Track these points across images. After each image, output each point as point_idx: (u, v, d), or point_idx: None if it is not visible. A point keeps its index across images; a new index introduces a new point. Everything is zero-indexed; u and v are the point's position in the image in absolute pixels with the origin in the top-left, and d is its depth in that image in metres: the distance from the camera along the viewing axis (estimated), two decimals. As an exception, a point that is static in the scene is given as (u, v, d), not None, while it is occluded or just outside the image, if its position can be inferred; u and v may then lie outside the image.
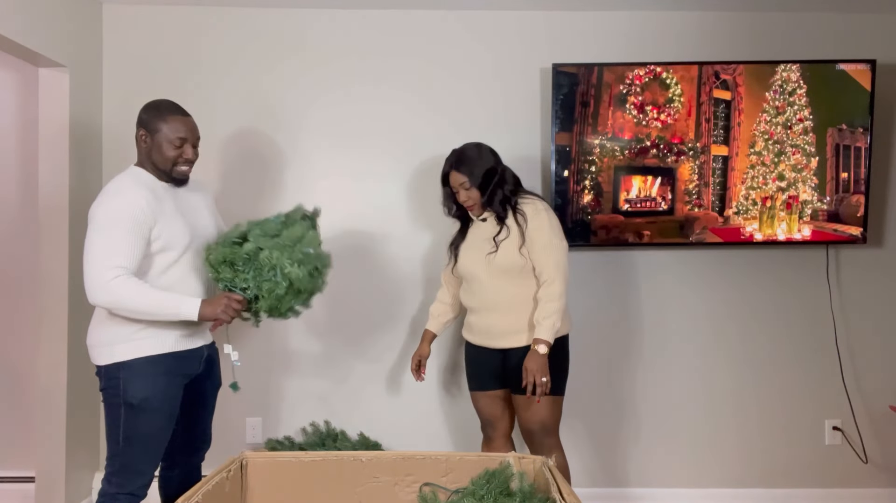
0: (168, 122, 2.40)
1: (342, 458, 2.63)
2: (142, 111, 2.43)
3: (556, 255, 2.72)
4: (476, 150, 2.84)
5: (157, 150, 2.38)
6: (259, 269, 2.35)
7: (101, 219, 2.23)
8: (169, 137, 2.38)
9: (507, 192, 2.79)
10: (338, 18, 3.54)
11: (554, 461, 2.61)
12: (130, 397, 2.30)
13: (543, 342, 2.65)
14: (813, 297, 3.58)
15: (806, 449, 3.60)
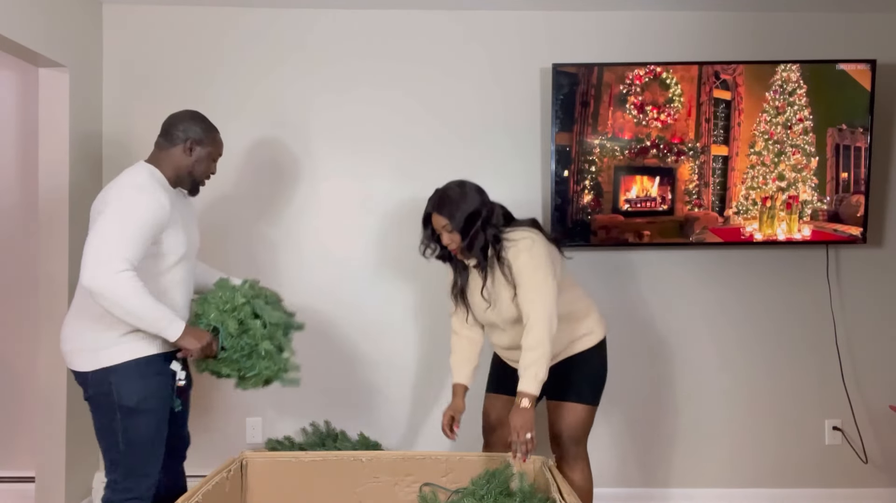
0: (216, 139, 2.52)
1: (342, 458, 2.64)
2: (190, 121, 2.48)
3: (537, 297, 2.51)
4: (459, 190, 2.63)
5: (198, 162, 2.45)
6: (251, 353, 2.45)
7: (123, 207, 2.19)
8: (213, 154, 2.51)
9: (491, 237, 2.59)
10: (338, 19, 3.54)
11: (554, 461, 2.62)
12: (126, 401, 2.26)
13: (527, 396, 2.45)
14: (813, 297, 3.58)
15: (806, 449, 3.60)
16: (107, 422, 2.30)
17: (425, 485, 2.59)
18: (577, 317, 2.73)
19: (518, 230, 2.63)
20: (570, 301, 2.70)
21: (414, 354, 3.59)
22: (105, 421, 2.31)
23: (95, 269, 2.09)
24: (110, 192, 2.27)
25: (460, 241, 2.60)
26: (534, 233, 2.62)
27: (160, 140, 2.49)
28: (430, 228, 2.68)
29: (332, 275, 3.56)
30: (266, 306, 2.53)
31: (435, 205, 2.63)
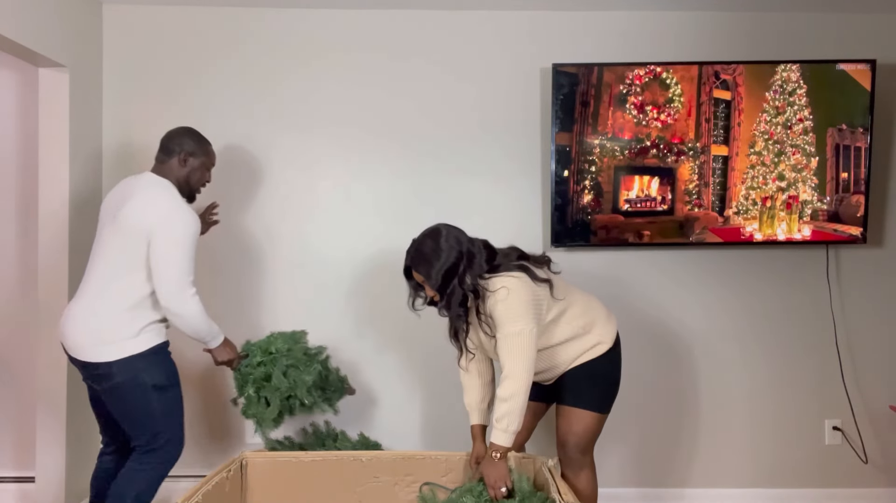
0: (208, 151, 2.82)
1: (342, 458, 2.64)
2: (187, 136, 2.76)
3: (513, 349, 2.44)
4: (433, 244, 2.51)
5: (194, 173, 2.76)
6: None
7: (180, 233, 2.54)
8: (206, 164, 2.82)
9: (469, 290, 2.49)
10: (338, 18, 3.54)
11: (555, 462, 2.62)
12: (158, 380, 2.57)
13: (499, 450, 2.45)
14: (813, 297, 3.58)
15: (806, 449, 3.60)
16: (141, 403, 2.56)
17: (425, 484, 2.59)
18: (582, 333, 2.66)
19: (496, 278, 2.50)
20: (572, 319, 2.64)
21: (414, 354, 3.59)
22: (138, 402, 2.56)
23: (174, 297, 2.53)
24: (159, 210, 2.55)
25: (439, 298, 2.54)
26: (511, 279, 2.49)
27: (159, 155, 2.75)
28: (414, 280, 2.62)
29: (332, 275, 3.56)
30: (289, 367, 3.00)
31: (412, 260, 2.56)
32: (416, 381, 3.60)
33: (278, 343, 3.06)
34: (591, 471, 2.76)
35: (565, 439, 2.70)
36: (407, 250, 2.60)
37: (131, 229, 2.53)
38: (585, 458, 2.73)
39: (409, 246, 2.60)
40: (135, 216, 2.54)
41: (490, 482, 2.44)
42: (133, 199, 2.58)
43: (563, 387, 2.70)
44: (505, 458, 2.46)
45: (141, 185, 2.64)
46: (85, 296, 2.60)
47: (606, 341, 2.70)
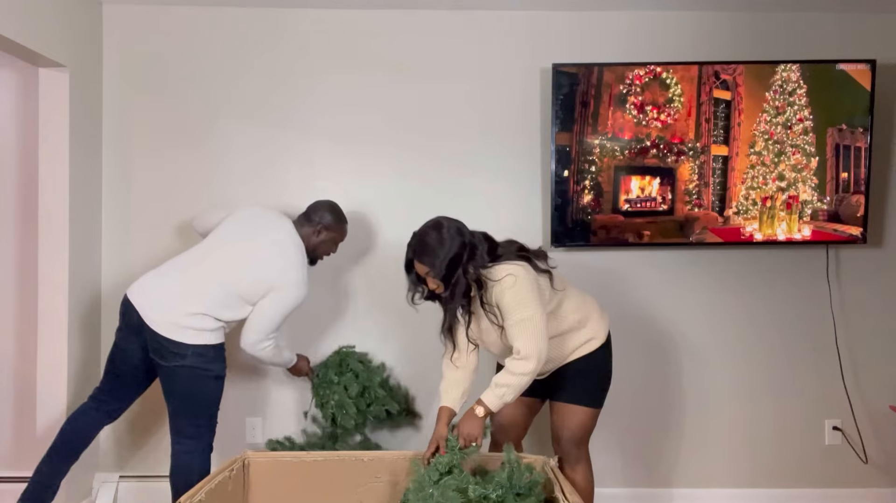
0: (343, 229, 3.17)
1: (344, 458, 2.64)
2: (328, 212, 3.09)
3: (528, 332, 2.46)
4: (436, 235, 2.53)
5: (323, 244, 3.10)
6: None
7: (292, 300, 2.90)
8: (336, 239, 3.16)
9: (473, 279, 2.51)
10: (339, 18, 3.53)
11: (555, 461, 2.62)
12: (220, 371, 2.88)
13: (485, 406, 2.48)
14: (813, 297, 3.58)
15: (806, 449, 3.60)
16: (203, 386, 2.84)
17: None
18: (577, 327, 2.70)
19: (499, 266, 2.52)
20: (568, 313, 2.68)
21: (414, 354, 3.58)
22: (201, 386, 2.84)
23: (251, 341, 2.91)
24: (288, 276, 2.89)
25: (443, 287, 2.55)
26: (515, 266, 2.52)
27: (300, 218, 3.09)
28: (415, 273, 2.62)
29: (331, 275, 3.56)
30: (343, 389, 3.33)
31: (415, 252, 2.56)
32: (417, 381, 3.60)
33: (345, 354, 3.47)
34: (587, 464, 2.81)
35: (560, 434, 2.75)
36: (408, 243, 2.61)
37: (261, 275, 2.87)
38: (581, 452, 2.78)
39: (411, 239, 2.61)
40: (270, 267, 2.88)
41: (464, 434, 2.49)
42: (277, 246, 2.92)
43: (557, 383, 2.73)
44: (485, 418, 2.49)
45: (285, 234, 2.96)
46: (191, 282, 2.84)
47: (600, 336, 2.76)
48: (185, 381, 2.81)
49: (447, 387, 2.72)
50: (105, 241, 3.54)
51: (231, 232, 2.98)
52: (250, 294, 2.87)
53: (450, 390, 2.71)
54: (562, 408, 2.73)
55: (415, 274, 2.62)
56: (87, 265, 3.40)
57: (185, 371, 2.78)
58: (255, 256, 2.89)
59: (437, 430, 2.60)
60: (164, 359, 2.78)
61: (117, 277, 3.52)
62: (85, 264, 3.38)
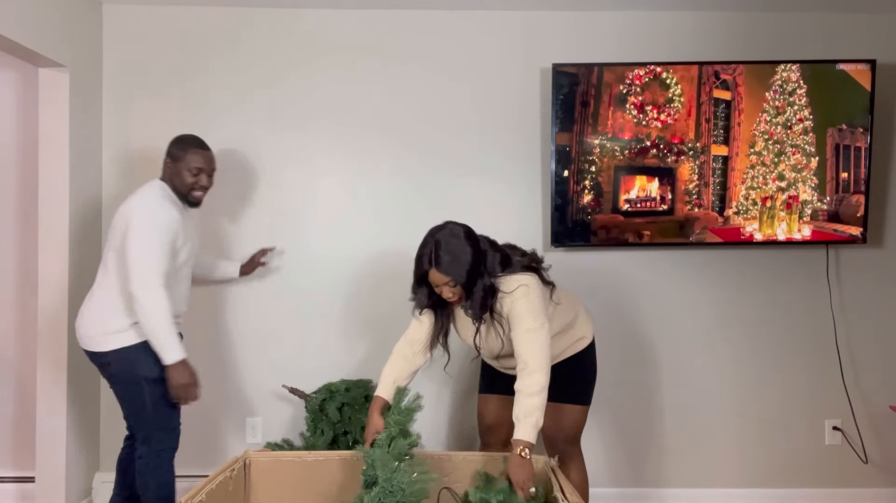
0: (187, 154, 2.83)
1: (345, 458, 2.64)
2: (173, 141, 2.88)
3: (537, 343, 2.44)
4: (454, 240, 2.45)
5: (175, 177, 2.82)
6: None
7: (148, 225, 2.63)
8: (189, 167, 2.82)
9: (488, 287, 2.48)
10: (339, 18, 3.53)
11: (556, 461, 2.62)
12: (148, 372, 2.68)
13: (526, 444, 2.37)
14: (813, 297, 3.58)
15: (806, 449, 3.61)
16: (133, 391, 2.72)
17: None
18: (567, 328, 2.75)
19: (512, 277, 2.51)
20: (560, 315, 2.71)
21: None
22: (131, 391, 2.73)
23: (140, 282, 2.59)
24: (134, 207, 2.68)
25: (463, 296, 2.50)
26: (527, 277, 2.52)
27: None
28: (427, 285, 2.55)
29: (331, 275, 3.56)
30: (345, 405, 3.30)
31: (434, 262, 2.44)
32: (417, 382, 3.59)
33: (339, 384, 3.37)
34: (581, 460, 2.85)
35: (555, 434, 2.78)
36: (422, 252, 2.48)
37: (116, 226, 2.72)
38: (575, 449, 2.82)
39: (425, 248, 2.48)
40: (119, 213, 2.74)
41: (520, 482, 2.37)
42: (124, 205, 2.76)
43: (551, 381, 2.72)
44: (531, 457, 2.40)
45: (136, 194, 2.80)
46: (93, 292, 2.81)
47: (588, 336, 2.79)
48: (118, 389, 2.78)
49: (387, 376, 2.68)
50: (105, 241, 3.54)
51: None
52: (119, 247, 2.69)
53: (388, 379, 2.67)
54: (554, 407, 2.69)
55: (427, 285, 2.55)
56: (87, 265, 3.40)
57: (115, 379, 2.77)
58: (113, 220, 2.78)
59: (374, 422, 2.58)
60: (102, 372, 2.82)
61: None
62: (85, 264, 3.38)
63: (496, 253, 2.55)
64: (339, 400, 3.29)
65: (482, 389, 2.96)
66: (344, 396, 3.30)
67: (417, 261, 2.50)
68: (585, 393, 2.81)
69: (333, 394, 3.32)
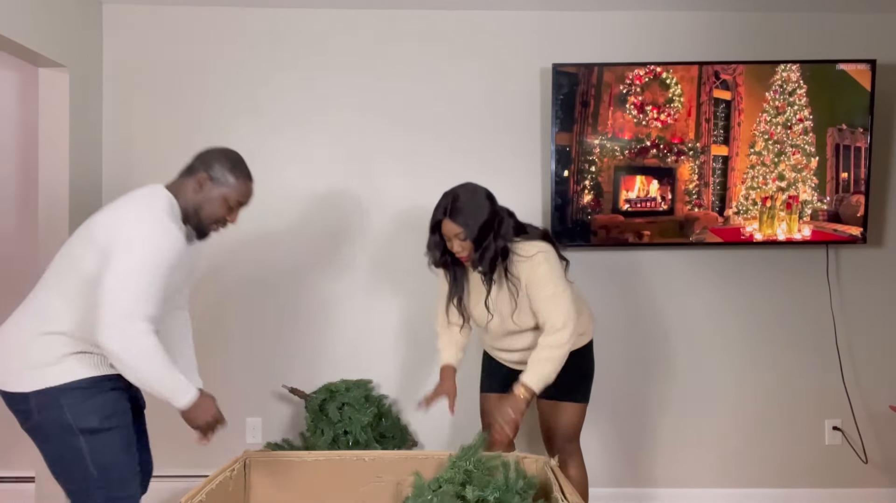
0: (239, 184, 2.24)
1: (345, 458, 2.64)
2: (212, 155, 2.25)
3: (563, 304, 2.51)
4: (472, 196, 2.53)
5: (209, 203, 2.19)
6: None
7: (143, 253, 1.97)
8: (229, 198, 2.22)
9: (500, 248, 2.52)
10: (339, 19, 3.54)
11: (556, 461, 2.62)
12: (85, 422, 2.02)
13: (527, 388, 2.42)
14: (813, 297, 3.58)
15: (806, 449, 3.61)
16: (66, 450, 2.04)
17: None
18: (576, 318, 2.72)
19: (530, 243, 2.57)
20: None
21: (414, 356, 3.59)
22: (63, 450, 2.04)
23: (111, 330, 1.92)
24: (127, 225, 2.01)
25: (472, 250, 2.52)
26: (546, 245, 2.59)
27: (182, 170, 2.25)
28: (439, 234, 2.58)
29: (332, 275, 3.56)
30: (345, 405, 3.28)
31: (448, 211, 2.50)
32: (418, 383, 3.60)
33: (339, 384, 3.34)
34: (579, 457, 2.84)
35: (553, 432, 2.79)
36: (439, 203, 2.53)
37: (85, 236, 2.05)
38: (574, 447, 2.81)
39: (442, 199, 2.53)
40: (96, 222, 2.06)
41: (506, 418, 2.40)
42: (107, 207, 2.12)
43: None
44: (528, 402, 2.43)
45: (127, 195, 2.14)
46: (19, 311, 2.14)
47: (589, 333, 2.80)
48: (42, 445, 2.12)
49: (446, 345, 2.79)
50: (105, 241, 3.54)
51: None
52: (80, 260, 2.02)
53: (449, 348, 2.79)
54: (553, 405, 2.77)
55: (439, 235, 2.58)
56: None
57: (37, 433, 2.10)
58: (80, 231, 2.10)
59: (447, 387, 2.69)
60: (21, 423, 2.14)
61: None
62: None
63: (512, 220, 2.62)
64: (340, 400, 3.29)
65: (483, 388, 2.96)
66: (344, 396, 3.30)
67: (434, 211, 2.55)
68: (583, 391, 2.81)
69: (333, 394, 3.32)
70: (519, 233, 2.62)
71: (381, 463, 2.59)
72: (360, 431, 3.21)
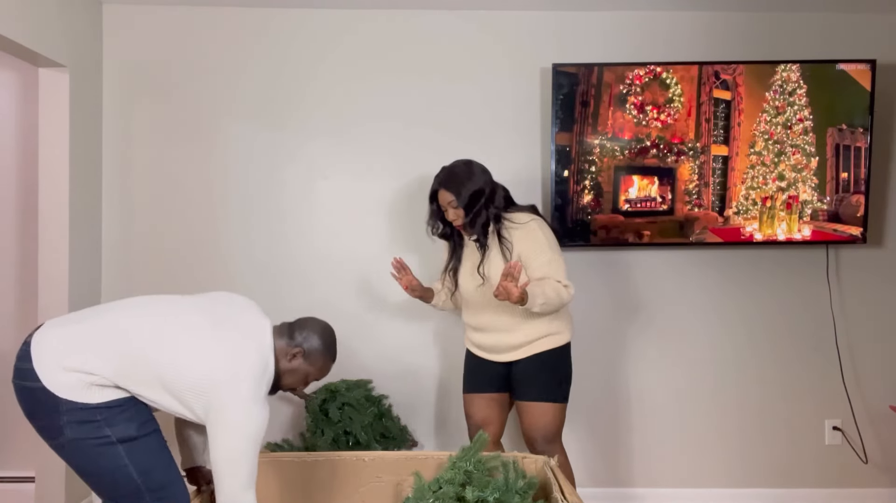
0: (325, 367, 2.34)
1: (345, 458, 2.64)
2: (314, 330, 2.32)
3: (561, 269, 2.70)
4: (465, 167, 2.78)
5: (293, 373, 2.27)
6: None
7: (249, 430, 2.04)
8: (312, 376, 2.32)
9: (492, 215, 2.73)
10: (339, 19, 3.53)
11: (556, 461, 2.62)
12: (124, 432, 2.06)
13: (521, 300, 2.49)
14: (813, 297, 3.58)
15: (806, 449, 3.60)
16: (106, 461, 2.07)
17: None
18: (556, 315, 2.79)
19: (522, 213, 2.78)
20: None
21: (414, 357, 3.59)
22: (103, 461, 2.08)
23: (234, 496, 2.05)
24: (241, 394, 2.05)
25: (464, 216, 2.73)
26: (537, 215, 2.82)
27: (284, 327, 2.32)
28: (437, 204, 2.82)
29: (332, 275, 3.56)
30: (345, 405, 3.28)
31: (442, 181, 2.77)
32: (418, 383, 3.60)
33: (339, 384, 3.34)
34: (563, 458, 2.84)
35: (533, 434, 2.82)
36: (436, 175, 2.81)
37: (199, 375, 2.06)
38: (554, 448, 2.82)
39: (439, 171, 2.81)
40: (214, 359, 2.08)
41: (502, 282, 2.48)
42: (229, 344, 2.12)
43: (521, 381, 2.80)
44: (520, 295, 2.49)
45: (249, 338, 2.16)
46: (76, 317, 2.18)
47: (566, 334, 2.85)
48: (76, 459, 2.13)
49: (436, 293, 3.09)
50: (105, 241, 3.54)
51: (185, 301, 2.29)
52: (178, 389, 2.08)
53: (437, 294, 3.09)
54: (529, 407, 2.80)
55: (437, 204, 2.83)
56: (87, 265, 3.40)
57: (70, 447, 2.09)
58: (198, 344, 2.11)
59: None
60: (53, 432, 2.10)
61: (117, 277, 3.52)
62: (85, 264, 3.38)
63: (505, 193, 2.84)
64: (340, 400, 3.29)
65: (466, 388, 3.00)
66: (344, 396, 3.30)
67: (432, 182, 2.83)
68: (559, 391, 2.82)
69: (334, 394, 3.32)
70: (508, 203, 2.84)
71: (381, 463, 2.60)
72: (360, 431, 3.20)
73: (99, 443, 2.04)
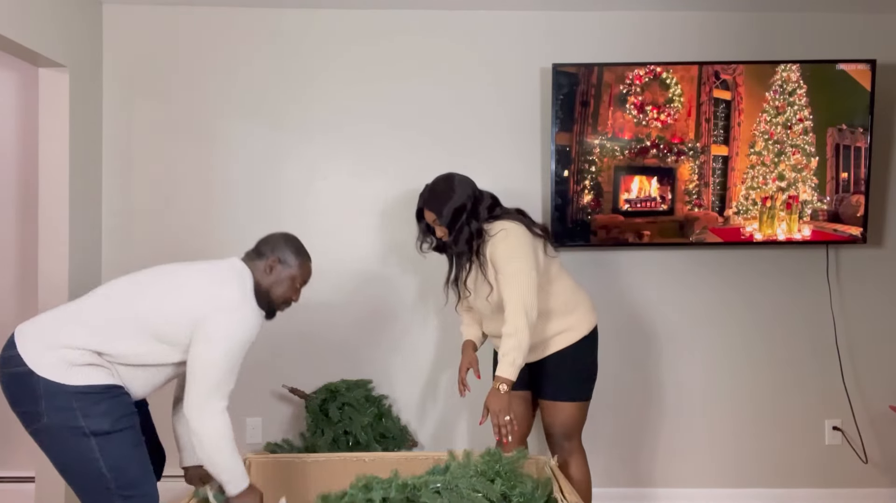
0: (303, 265, 2.46)
1: (345, 459, 2.65)
2: (278, 241, 2.44)
3: (513, 286, 2.53)
4: (445, 184, 2.69)
5: (279, 284, 2.39)
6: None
7: (232, 339, 2.17)
8: (297, 279, 2.44)
9: (475, 230, 2.64)
10: (338, 19, 3.53)
11: (555, 460, 2.62)
12: (97, 425, 2.07)
13: (504, 381, 2.48)
14: (813, 297, 3.58)
15: (806, 449, 3.61)
16: (77, 452, 2.10)
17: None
18: (563, 312, 2.73)
19: (497, 223, 2.65)
20: (558, 293, 2.71)
21: (414, 357, 3.59)
22: (74, 452, 2.11)
23: (201, 408, 2.16)
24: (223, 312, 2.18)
25: (447, 233, 2.68)
26: (511, 224, 2.64)
27: (249, 253, 2.44)
28: (424, 222, 2.78)
29: (333, 275, 3.55)
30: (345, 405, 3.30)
31: (425, 200, 2.72)
32: (418, 384, 3.60)
33: (339, 384, 3.35)
34: (581, 456, 2.83)
35: (550, 431, 2.80)
36: (420, 194, 2.75)
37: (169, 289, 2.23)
38: (573, 445, 2.80)
39: (423, 190, 2.75)
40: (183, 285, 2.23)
41: (494, 411, 2.48)
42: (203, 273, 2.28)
43: (543, 378, 2.77)
44: (509, 392, 2.49)
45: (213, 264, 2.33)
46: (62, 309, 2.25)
47: (583, 328, 2.77)
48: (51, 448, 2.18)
49: (466, 325, 2.93)
50: (105, 241, 3.54)
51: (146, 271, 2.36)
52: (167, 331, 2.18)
53: (471, 327, 2.92)
54: (548, 405, 2.78)
55: (424, 222, 2.78)
56: (87, 264, 3.40)
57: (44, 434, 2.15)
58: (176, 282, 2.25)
59: (468, 357, 2.82)
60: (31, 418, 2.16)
61: (117, 276, 3.50)
62: (85, 264, 3.38)
63: (490, 202, 2.73)
64: (340, 400, 3.29)
65: None
66: (344, 396, 3.31)
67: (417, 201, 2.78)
68: (578, 389, 2.78)
69: (334, 394, 3.32)
70: (491, 211, 2.71)
71: (381, 464, 2.60)
72: (360, 431, 3.21)
73: (72, 432, 2.07)
